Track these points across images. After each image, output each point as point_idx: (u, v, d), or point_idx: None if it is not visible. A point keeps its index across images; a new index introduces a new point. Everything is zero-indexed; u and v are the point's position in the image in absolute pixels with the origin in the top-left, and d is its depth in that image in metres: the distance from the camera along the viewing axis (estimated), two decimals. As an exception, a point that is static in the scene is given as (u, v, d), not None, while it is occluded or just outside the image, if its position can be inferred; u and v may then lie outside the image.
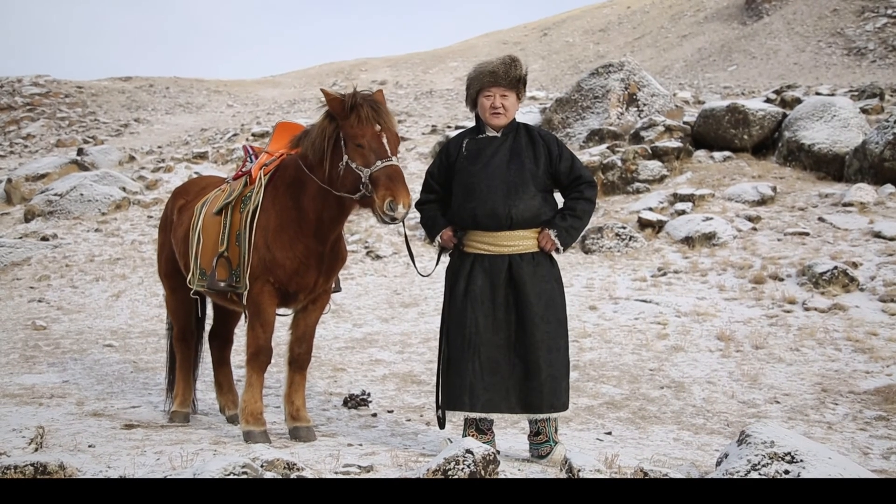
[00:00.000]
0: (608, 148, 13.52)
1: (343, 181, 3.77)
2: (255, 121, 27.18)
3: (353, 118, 3.73)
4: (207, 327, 5.27)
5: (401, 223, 3.73)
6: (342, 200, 3.91)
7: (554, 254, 3.95)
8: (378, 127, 3.74)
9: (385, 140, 3.74)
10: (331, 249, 4.17)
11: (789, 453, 2.76)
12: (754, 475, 2.73)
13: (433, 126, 20.48)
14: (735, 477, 2.75)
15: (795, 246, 9.43)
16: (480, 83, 3.95)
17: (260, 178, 4.24)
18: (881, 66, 27.65)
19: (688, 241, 10.15)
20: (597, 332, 7.37)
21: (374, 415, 5.24)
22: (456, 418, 4.00)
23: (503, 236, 3.87)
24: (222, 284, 4.19)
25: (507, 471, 3.44)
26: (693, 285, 8.77)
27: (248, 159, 4.55)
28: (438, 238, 4.03)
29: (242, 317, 4.39)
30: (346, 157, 3.74)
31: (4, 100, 36.07)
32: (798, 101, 14.41)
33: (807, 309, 7.57)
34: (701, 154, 13.27)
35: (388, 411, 5.37)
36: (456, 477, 2.78)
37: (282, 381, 4.51)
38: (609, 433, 4.94)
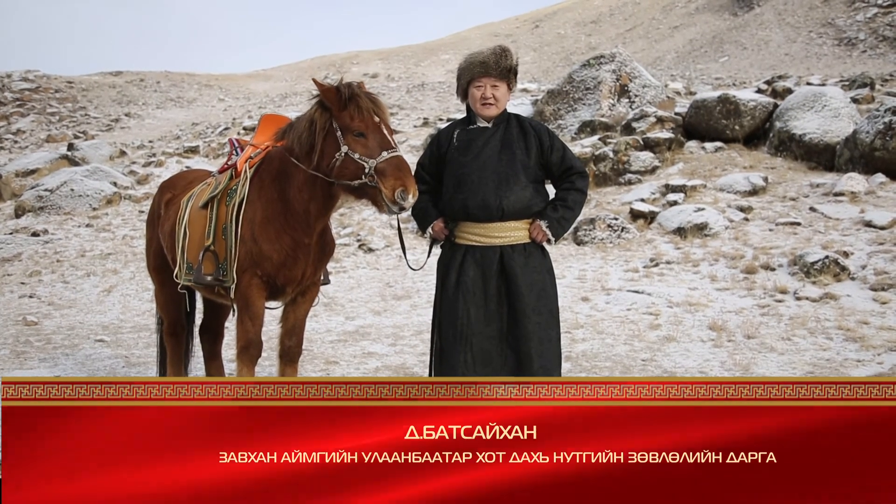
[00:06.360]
0: (600, 139, 13.52)
1: (341, 171, 3.71)
2: (247, 114, 27.10)
3: (353, 108, 3.67)
4: (198, 321, 5.25)
5: (398, 215, 3.70)
6: (329, 191, 3.87)
7: (545, 245, 3.94)
8: (377, 118, 3.71)
9: (385, 130, 3.72)
10: (318, 241, 4.14)
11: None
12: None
13: (425, 119, 20.46)
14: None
15: (787, 236, 9.46)
16: (471, 74, 3.91)
17: (245, 171, 4.20)
18: (872, 56, 27.70)
19: (680, 231, 10.17)
20: (589, 324, 7.38)
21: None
22: (448, 410, 3.98)
23: (494, 227, 3.84)
24: (209, 278, 4.16)
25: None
26: (685, 276, 8.78)
27: (234, 152, 4.52)
28: (429, 230, 4.01)
29: (232, 310, 4.37)
30: (344, 148, 3.68)
31: (-6, 95, 35.87)
32: (789, 91, 14.44)
33: (798, 298, 7.59)
34: (692, 145, 13.29)
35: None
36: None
37: (273, 375, 4.49)
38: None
